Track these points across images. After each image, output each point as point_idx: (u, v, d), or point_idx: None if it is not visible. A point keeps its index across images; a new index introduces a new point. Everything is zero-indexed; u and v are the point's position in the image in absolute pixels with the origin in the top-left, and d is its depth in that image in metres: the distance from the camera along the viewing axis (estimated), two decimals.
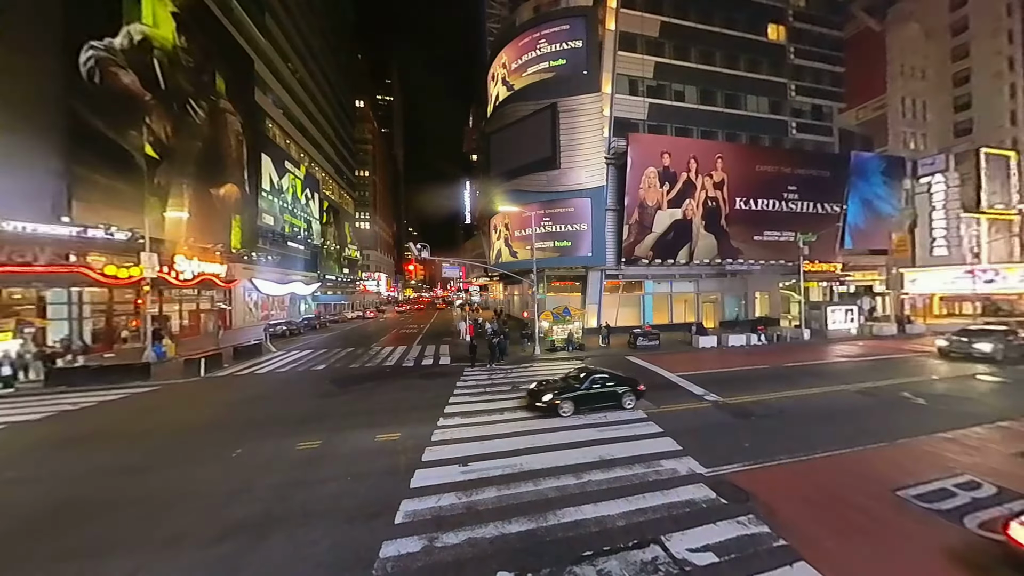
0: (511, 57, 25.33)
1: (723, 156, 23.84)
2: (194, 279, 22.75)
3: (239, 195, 28.23)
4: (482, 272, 41.70)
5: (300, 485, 6.34)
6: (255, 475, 6.73)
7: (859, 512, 5.36)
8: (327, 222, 50.69)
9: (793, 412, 9.53)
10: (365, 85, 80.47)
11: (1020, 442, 7.52)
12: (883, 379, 12.45)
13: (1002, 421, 8.65)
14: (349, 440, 8.18)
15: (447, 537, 4.92)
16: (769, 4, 27.45)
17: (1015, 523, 4.03)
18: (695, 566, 4.35)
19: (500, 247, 26.90)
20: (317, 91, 49.05)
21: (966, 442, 7.65)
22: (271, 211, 34.45)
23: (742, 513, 5.29)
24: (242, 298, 31.22)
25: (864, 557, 4.50)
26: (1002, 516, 4.65)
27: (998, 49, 34.01)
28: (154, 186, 20.71)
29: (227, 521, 5.41)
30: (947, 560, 4.44)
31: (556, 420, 9.05)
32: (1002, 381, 12.16)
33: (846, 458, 7.02)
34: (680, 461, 6.85)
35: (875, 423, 8.69)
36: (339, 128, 59.43)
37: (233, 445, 8.00)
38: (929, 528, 5.01)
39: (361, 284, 67.58)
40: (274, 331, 25.79)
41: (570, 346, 18.54)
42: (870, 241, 28.38)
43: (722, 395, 10.80)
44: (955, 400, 10.36)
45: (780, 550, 4.59)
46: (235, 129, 27.82)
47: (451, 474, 6.54)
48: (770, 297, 27.89)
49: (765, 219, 25.11)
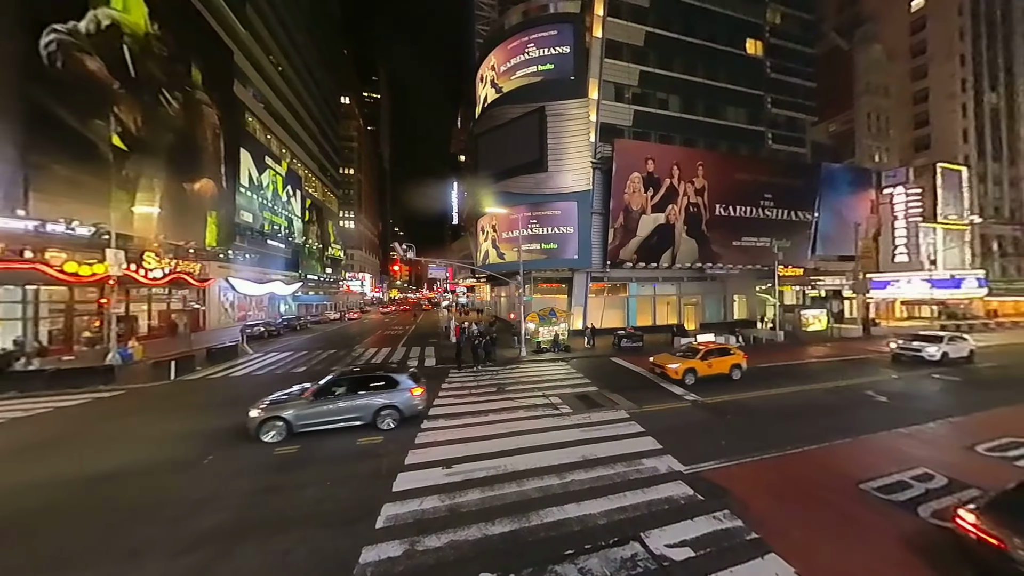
0: (500, 60, 25.45)
1: (704, 164, 24.67)
2: (165, 278, 21.67)
3: (215, 190, 27.14)
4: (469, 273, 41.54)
5: (276, 491, 6.13)
6: (228, 482, 6.47)
7: (825, 505, 5.65)
8: (309, 220, 49.33)
9: (767, 410, 9.93)
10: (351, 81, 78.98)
11: (968, 436, 8.10)
12: (849, 379, 13.13)
13: (952, 417, 9.29)
14: (329, 444, 7.97)
15: (429, 540, 4.87)
16: (747, 20, 28.66)
17: (962, 511, 4.34)
18: (673, 561, 4.48)
19: (487, 248, 26.89)
20: (300, 86, 47.80)
21: (921, 437, 8.18)
22: (250, 208, 33.26)
23: (718, 508, 5.47)
24: (217, 298, 29.96)
25: (828, 547, 4.74)
26: (951, 505, 5.01)
27: (952, 71, 36.69)
28: (122, 179, 19.65)
29: (196, 530, 5.18)
30: (903, 547, 4.74)
31: (541, 421, 9.11)
32: (954, 380, 13.05)
33: (814, 454, 7.37)
34: (660, 459, 7.02)
35: (841, 420, 9.16)
36: (323, 124, 58.05)
37: (204, 451, 7.66)
38: (887, 518, 5.33)
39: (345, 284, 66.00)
40: (251, 332, 24.86)
41: (556, 347, 18.69)
42: (839, 247, 29.92)
43: (700, 395, 11.13)
44: (913, 398, 11.05)
45: (752, 543, 4.78)
46: (212, 122, 26.76)
47: (434, 477, 6.48)
48: (747, 300, 28.98)
49: (743, 225, 26.11)
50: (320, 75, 55.76)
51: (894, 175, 31.43)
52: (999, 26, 38.96)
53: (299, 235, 45.16)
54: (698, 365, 12.17)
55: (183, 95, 23.89)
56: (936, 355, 14.89)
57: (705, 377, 12.13)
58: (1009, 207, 39.19)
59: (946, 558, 4.45)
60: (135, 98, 20.28)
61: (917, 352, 15.28)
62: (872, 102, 37.71)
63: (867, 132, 37.59)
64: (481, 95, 27.76)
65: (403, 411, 8.57)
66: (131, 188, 20.41)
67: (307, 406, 8.16)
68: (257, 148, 34.91)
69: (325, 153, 59.06)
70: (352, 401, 8.35)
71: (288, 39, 43.71)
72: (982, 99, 37.80)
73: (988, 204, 37.74)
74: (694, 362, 12.25)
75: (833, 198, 29.33)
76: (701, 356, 12.50)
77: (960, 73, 36.74)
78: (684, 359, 12.48)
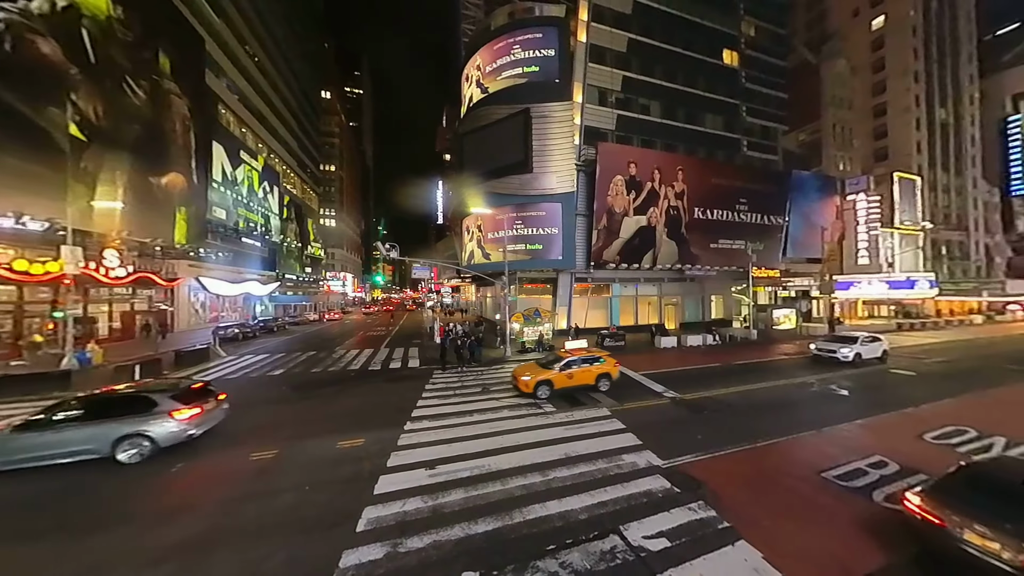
0: (485, 60, 25.44)
1: (683, 168, 25.50)
2: (128, 277, 20.44)
3: (185, 185, 25.82)
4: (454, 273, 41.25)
5: (252, 498, 5.94)
6: (199, 490, 6.22)
7: (791, 493, 6.00)
8: (288, 218, 47.68)
9: (740, 405, 10.40)
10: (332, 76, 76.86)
11: (918, 426, 8.77)
12: (815, 374, 13.89)
13: (905, 408, 10.04)
14: (308, 448, 7.78)
15: (411, 542, 4.85)
16: (724, 31, 29.84)
17: (909, 494, 4.73)
18: (650, 552, 4.65)
19: (472, 248, 26.80)
20: (279, 78, 46.14)
21: (877, 427, 8.80)
22: (223, 204, 31.83)
23: (693, 500, 5.72)
24: (187, 298, 28.50)
25: (793, 532, 5.05)
26: (900, 490, 5.44)
27: (907, 87, 39.48)
28: (80, 171, 18.41)
29: (165, 541, 4.96)
30: (858, 529, 5.11)
31: (525, 420, 9.20)
32: (910, 375, 14.06)
33: (782, 445, 7.80)
34: (640, 455, 7.24)
35: (807, 413, 9.73)
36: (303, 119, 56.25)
37: (172, 459, 7.31)
38: (846, 503, 5.72)
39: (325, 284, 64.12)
40: (224, 334, 23.80)
41: (540, 347, 18.86)
42: (807, 250, 31.60)
43: (679, 392, 11.54)
44: (871, 391, 11.85)
45: (725, 531, 5.03)
46: (181, 113, 25.46)
47: (417, 478, 6.44)
48: (724, 300, 30.15)
49: (720, 228, 27.16)
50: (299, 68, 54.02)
51: (856, 183, 33.50)
52: (948, 48, 42.27)
53: (276, 233, 43.56)
54: (555, 376, 10.93)
55: (149, 84, 22.62)
56: (850, 356, 14.98)
57: (564, 390, 10.96)
58: (956, 214, 42.53)
59: (896, 537, 4.83)
60: (96, 85, 19.04)
61: (832, 353, 15.32)
62: (837, 114, 40.02)
63: (832, 142, 39.87)
64: (467, 94, 27.65)
65: (158, 440, 7.02)
66: (91, 181, 19.15)
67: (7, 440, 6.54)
68: (231, 142, 33.45)
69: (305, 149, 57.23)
70: (78, 431, 6.73)
71: (265, 29, 42.12)
72: (933, 114, 40.87)
73: (938, 211, 40.80)
74: (550, 373, 10.99)
75: (802, 204, 30.94)
76: (561, 366, 11.20)
77: (914, 89, 39.59)
78: (542, 370, 11.22)
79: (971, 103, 43.81)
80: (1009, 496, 4.27)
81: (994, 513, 4.10)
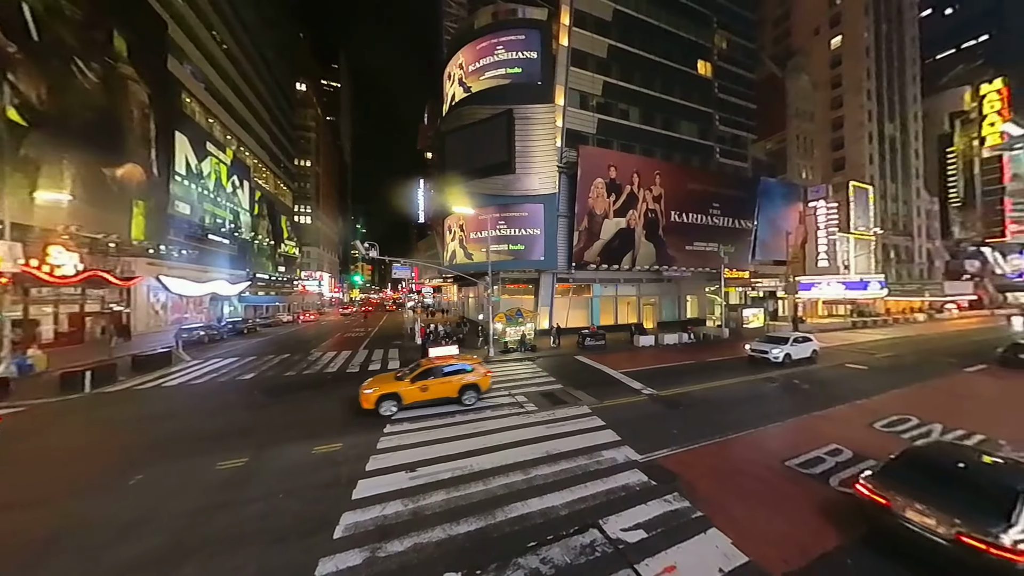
0: (468, 59, 25.31)
1: (661, 173, 26.39)
2: (77, 275, 18.84)
3: (143, 177, 24.08)
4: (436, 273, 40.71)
5: (221, 508, 5.65)
6: (161, 503, 5.84)
7: (757, 481, 6.36)
8: (259, 214, 45.44)
9: (712, 401, 10.90)
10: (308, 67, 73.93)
11: (869, 415, 9.52)
12: (780, 370, 14.75)
13: (858, 400, 10.86)
14: (282, 454, 7.47)
15: (391, 546, 4.78)
16: (698, 42, 31.13)
17: (860, 478, 5.14)
18: (627, 543, 4.80)
19: (455, 248, 26.58)
20: (249, 67, 43.88)
21: (833, 418, 9.47)
22: (187, 198, 29.93)
23: (669, 492, 5.95)
24: (146, 299, 26.58)
25: (759, 517, 5.37)
26: (853, 475, 5.90)
27: (861, 103, 42.67)
28: (20, 159, 16.79)
29: (121, 559, 4.64)
30: (816, 512, 5.50)
31: (507, 419, 9.23)
32: (862, 369, 15.21)
33: (750, 437, 8.25)
34: (619, 450, 7.45)
35: (772, 407, 10.32)
36: (276, 112, 53.77)
37: (130, 471, 6.82)
38: (806, 489, 6.13)
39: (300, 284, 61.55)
40: (189, 337, 22.42)
41: (523, 347, 18.97)
42: (774, 253, 33.49)
43: (656, 388, 11.94)
44: (831, 385, 12.72)
45: (697, 520, 5.27)
46: (140, 100, 23.74)
47: (397, 481, 6.34)
48: (699, 300, 31.44)
49: (695, 231, 28.30)
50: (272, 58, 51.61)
51: (817, 191, 35.86)
52: (896, 68, 46.06)
53: (247, 230, 41.41)
54: (405, 389, 9.60)
55: (103, 67, 20.94)
56: (780, 356, 15.02)
57: (416, 404, 9.72)
58: (903, 221, 46.40)
59: (849, 518, 5.24)
60: (39, 66, 17.43)
61: (764, 353, 15.30)
62: (800, 125, 42.67)
63: (796, 151, 42.47)
64: (449, 93, 27.39)
65: None
66: (32, 171, 17.48)
67: None
68: (197, 132, 31.50)
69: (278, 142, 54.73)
70: None
71: (234, 14, 39.94)
72: (884, 129, 44.41)
73: (888, 218, 44.35)
74: (398, 385, 9.67)
75: (769, 209, 32.76)
76: (413, 377, 9.85)
77: (867, 105, 42.85)
78: (391, 382, 9.91)
79: (915, 120, 47.93)
80: (944, 477, 4.73)
81: (931, 493, 4.53)
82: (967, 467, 4.85)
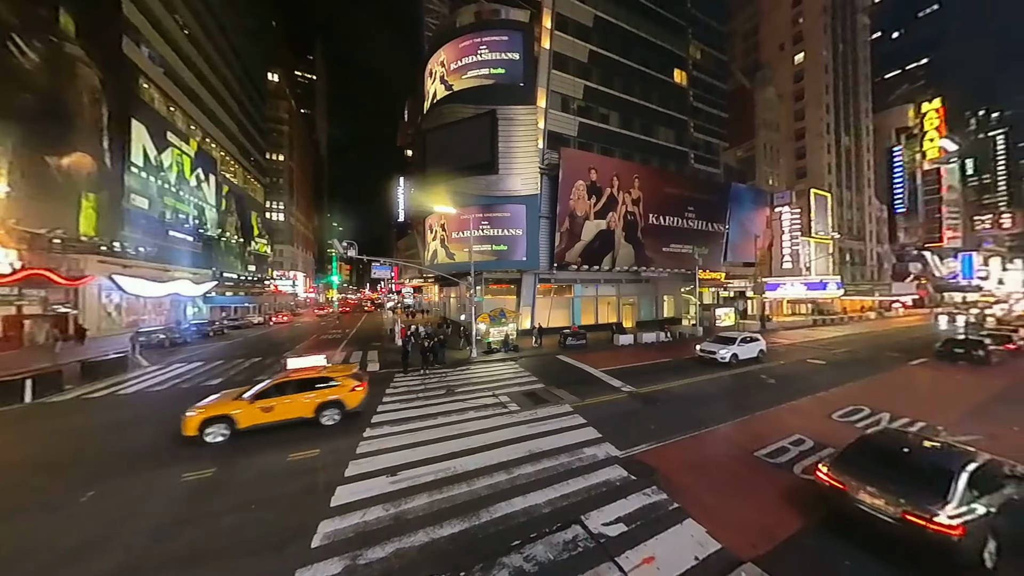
0: (450, 57, 25.07)
1: (639, 176, 27.19)
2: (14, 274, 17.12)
3: (94, 168, 22.24)
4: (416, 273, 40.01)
5: (186, 523, 5.32)
6: (117, 520, 5.43)
7: (728, 472, 6.70)
8: (227, 210, 43.03)
9: (688, 396, 11.36)
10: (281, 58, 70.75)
11: (827, 407, 10.24)
12: (748, 366, 15.57)
13: (818, 393, 11.65)
14: (254, 463, 7.12)
15: (372, 552, 4.68)
16: (674, 52, 32.33)
17: (820, 465, 5.54)
18: (609, 537, 4.94)
19: (436, 248, 26.24)
20: (215, 53, 41.42)
21: (797, 410, 10.12)
22: (145, 191, 27.89)
23: (647, 486, 6.16)
24: (97, 300, 24.53)
25: (731, 506, 5.66)
26: (813, 462, 6.33)
27: (820, 116, 45.75)
28: None
29: None
30: (782, 499, 5.86)
31: (491, 420, 9.23)
32: (822, 364, 16.30)
33: (722, 430, 8.67)
34: (599, 447, 7.63)
35: (742, 401, 10.89)
36: (245, 102, 51.04)
37: (81, 487, 6.29)
38: (772, 477, 6.52)
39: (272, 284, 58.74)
40: (147, 340, 20.89)
41: (506, 347, 19.00)
42: (743, 255, 35.30)
43: (635, 386, 12.30)
44: (794, 379, 13.56)
45: (675, 511, 5.49)
46: (90, 84, 21.91)
47: (378, 486, 6.20)
48: (674, 300, 32.64)
49: (671, 233, 29.35)
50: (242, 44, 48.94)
51: (782, 197, 38.15)
52: (851, 85, 49.72)
53: (213, 226, 39.10)
54: (240, 412, 7.88)
55: (46, 47, 19.15)
56: (727, 357, 15.07)
57: (256, 427, 7.96)
58: (856, 227, 50.14)
59: (810, 503, 5.62)
60: None
61: (712, 354, 15.28)
62: (767, 135, 45.18)
63: (764, 159, 44.93)
64: (430, 90, 27.01)
65: None
66: None
67: None
68: (156, 121, 29.43)
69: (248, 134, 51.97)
70: None
71: None
72: (840, 140, 47.83)
73: (844, 224, 47.79)
74: (232, 406, 8.01)
75: (739, 213, 34.49)
76: (252, 395, 8.14)
77: (826, 118, 46.00)
78: (225, 403, 8.26)
79: (867, 133, 51.91)
80: (891, 462, 5.19)
81: (880, 476, 4.95)
82: (910, 452, 5.33)
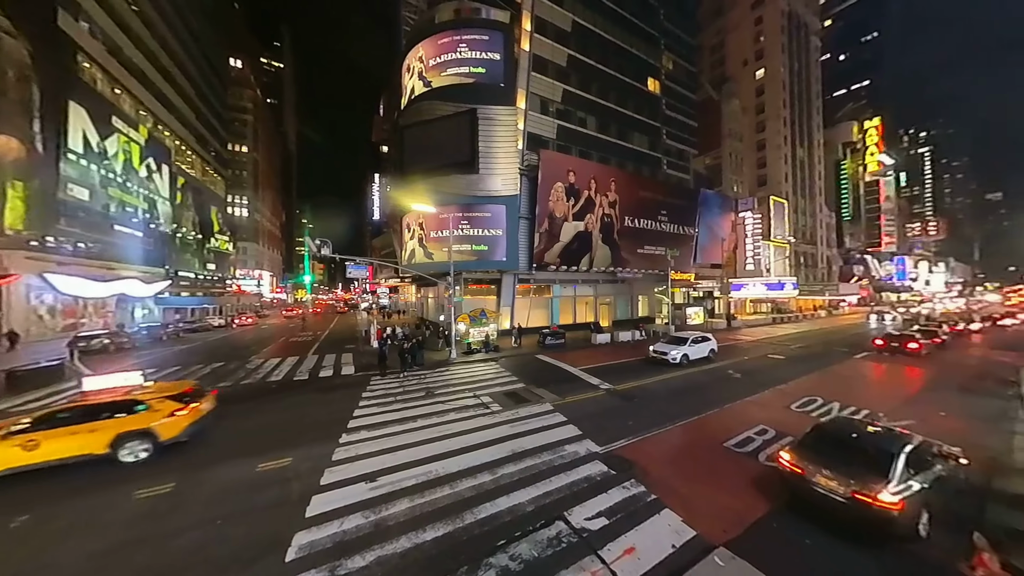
0: (429, 53, 24.63)
1: (615, 180, 28.02)
2: None
3: (21, 153, 19.86)
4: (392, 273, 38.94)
5: (140, 545, 4.88)
6: (57, 546, 4.89)
7: (700, 463, 7.06)
8: (183, 203, 39.81)
9: (662, 392, 11.85)
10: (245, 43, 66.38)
11: (786, 398, 11.04)
12: (717, 362, 16.49)
13: (778, 385, 12.54)
14: (218, 475, 6.65)
15: (352, 562, 4.51)
16: (648, 61, 33.62)
17: (782, 452, 5.96)
18: (591, 531, 5.05)
19: (414, 247, 25.69)
20: (168, 33, 38.21)
21: (760, 402, 10.83)
22: (85, 181, 25.24)
23: (626, 479, 6.36)
24: (25, 301, 21.89)
25: (704, 495, 5.97)
26: (775, 450, 6.80)
27: (778, 129, 49.28)
28: None
29: None
30: (749, 485, 6.26)
31: (472, 421, 9.17)
32: (781, 359, 17.55)
33: (694, 423, 9.12)
34: (580, 444, 7.78)
35: (712, 395, 11.51)
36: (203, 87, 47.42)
37: (10, 511, 5.59)
38: (740, 466, 6.94)
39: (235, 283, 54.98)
40: (87, 346, 18.92)
41: (486, 348, 18.92)
42: (711, 257, 37.34)
43: (613, 383, 12.66)
44: (758, 373, 14.50)
45: (652, 503, 5.71)
46: (17, 59, 19.57)
47: (357, 493, 5.99)
48: (648, 300, 33.92)
49: (646, 235, 30.48)
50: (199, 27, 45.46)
51: (746, 203, 40.70)
52: (805, 101, 53.93)
53: (167, 221, 36.05)
54: None
55: None
56: (677, 358, 15.11)
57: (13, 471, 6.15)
58: (809, 232, 54.46)
59: (774, 488, 6.04)
60: None
61: (664, 355, 15.27)
62: (732, 144, 48.04)
63: (729, 167, 47.73)
64: (408, 86, 26.39)
65: None
66: None
67: None
68: (99, 104, 26.70)
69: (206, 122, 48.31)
70: None
71: None
72: (796, 152, 51.75)
73: (799, 229, 51.73)
74: None
75: (708, 217, 36.41)
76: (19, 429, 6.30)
77: (783, 131, 49.63)
78: None
79: (818, 146, 56.52)
80: (841, 446, 5.69)
81: (833, 460, 5.42)
82: (858, 436, 5.87)
